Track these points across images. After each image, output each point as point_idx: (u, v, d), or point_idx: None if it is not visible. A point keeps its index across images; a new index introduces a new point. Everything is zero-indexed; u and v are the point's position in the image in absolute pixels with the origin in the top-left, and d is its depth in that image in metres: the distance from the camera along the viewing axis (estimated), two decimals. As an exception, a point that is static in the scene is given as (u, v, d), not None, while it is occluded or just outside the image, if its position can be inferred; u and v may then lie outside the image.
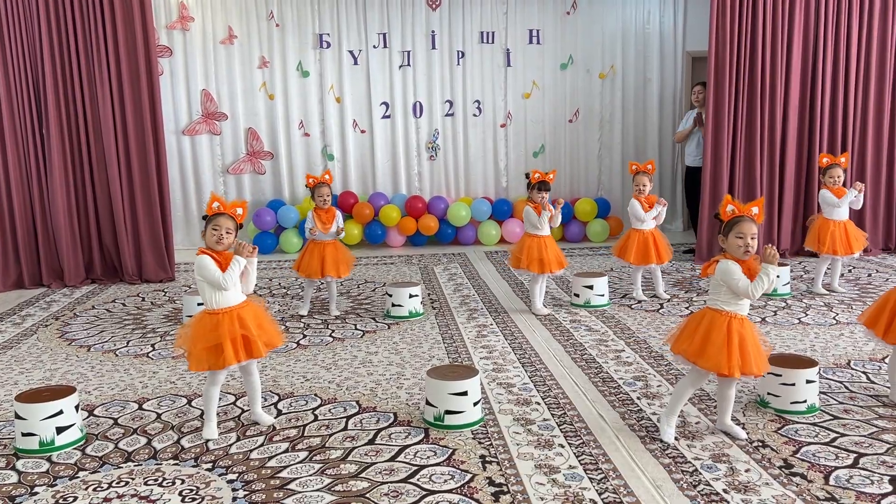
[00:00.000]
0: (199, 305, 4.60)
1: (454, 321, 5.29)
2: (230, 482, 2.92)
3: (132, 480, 2.96)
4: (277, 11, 8.40)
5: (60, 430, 3.25)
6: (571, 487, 2.81)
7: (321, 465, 3.04)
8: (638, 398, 3.73)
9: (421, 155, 8.92)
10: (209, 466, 3.07)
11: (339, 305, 5.75)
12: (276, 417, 3.55)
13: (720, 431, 3.27)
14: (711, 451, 3.09)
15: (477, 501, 2.72)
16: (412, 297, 5.41)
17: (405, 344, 4.76)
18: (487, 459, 3.05)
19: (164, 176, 6.88)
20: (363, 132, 8.76)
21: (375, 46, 8.62)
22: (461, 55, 8.77)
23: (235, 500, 2.78)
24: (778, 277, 5.71)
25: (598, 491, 2.77)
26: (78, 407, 3.37)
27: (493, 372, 4.16)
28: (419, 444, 3.22)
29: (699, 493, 2.75)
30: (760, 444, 3.15)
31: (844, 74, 7.26)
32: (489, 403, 3.67)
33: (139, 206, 6.81)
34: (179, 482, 2.93)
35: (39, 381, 4.20)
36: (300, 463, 3.07)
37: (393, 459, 3.07)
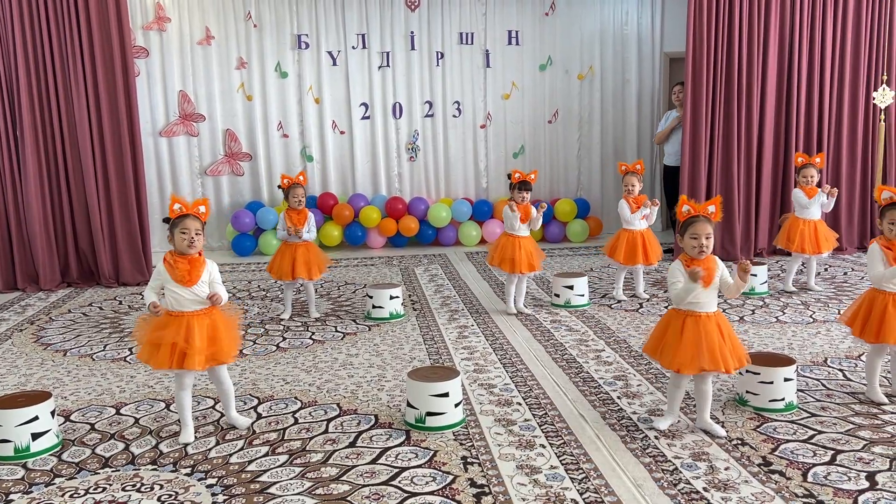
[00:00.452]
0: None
1: (435, 322, 5.28)
2: (209, 487, 2.89)
3: (109, 486, 2.92)
4: (255, 12, 8.35)
5: (36, 435, 3.20)
6: (553, 488, 2.81)
7: (302, 468, 3.02)
8: (618, 397, 3.74)
9: (401, 156, 8.91)
10: (188, 471, 3.04)
11: (318, 307, 5.72)
12: (255, 421, 3.53)
13: (700, 430, 3.29)
14: (691, 449, 3.11)
15: (458, 503, 2.71)
16: (393, 298, 5.39)
17: (386, 346, 4.75)
18: (469, 461, 3.05)
19: (140, 178, 6.81)
20: (342, 133, 8.73)
21: (354, 47, 8.59)
22: (440, 56, 8.77)
23: (215, 505, 2.76)
24: (755, 276, 5.84)
25: (579, 491, 2.78)
26: (54, 412, 3.33)
27: (474, 373, 4.16)
28: (400, 446, 3.21)
29: (679, 491, 2.76)
30: (740, 442, 3.17)
31: (819, 74, 7.35)
32: (470, 405, 3.67)
33: (115, 208, 6.73)
34: (158, 487, 2.90)
35: (14, 386, 4.14)
36: (280, 466, 3.05)
37: (374, 462, 3.06)
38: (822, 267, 6.81)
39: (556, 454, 3.10)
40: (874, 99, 6.97)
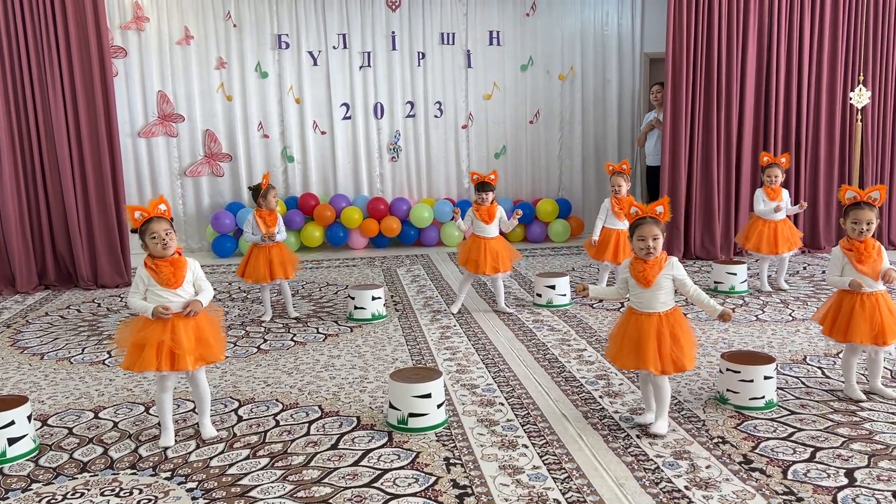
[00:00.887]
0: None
1: (417, 323, 5.27)
2: (190, 491, 2.86)
3: (88, 491, 2.89)
4: (235, 12, 8.29)
5: (12, 441, 3.15)
6: (535, 488, 2.81)
7: (283, 471, 3.00)
8: (600, 396, 3.75)
9: (383, 156, 8.88)
10: (168, 475, 3.00)
11: (299, 309, 5.69)
12: (235, 424, 3.50)
13: (682, 428, 3.31)
14: (673, 448, 3.13)
15: (441, 504, 2.71)
16: (375, 299, 5.38)
17: (368, 347, 4.73)
18: (451, 461, 3.04)
19: (119, 179, 6.74)
20: (323, 133, 8.69)
21: (335, 47, 8.56)
22: (422, 56, 8.76)
23: (195, 509, 2.73)
24: (735, 276, 5.88)
25: (561, 491, 2.78)
26: (31, 417, 3.28)
27: (456, 373, 4.16)
28: (383, 447, 3.19)
29: (661, 490, 2.77)
30: (721, 440, 3.19)
31: (798, 75, 7.42)
32: (453, 405, 3.66)
33: (94, 210, 6.66)
34: (137, 492, 2.87)
35: (-10, 391, 4.08)
36: (262, 469, 3.02)
37: (356, 464, 3.04)
38: (800, 265, 6.88)
39: (538, 454, 3.10)
40: (851, 99, 7.05)
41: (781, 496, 2.70)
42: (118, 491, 2.88)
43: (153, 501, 2.79)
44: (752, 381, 3.49)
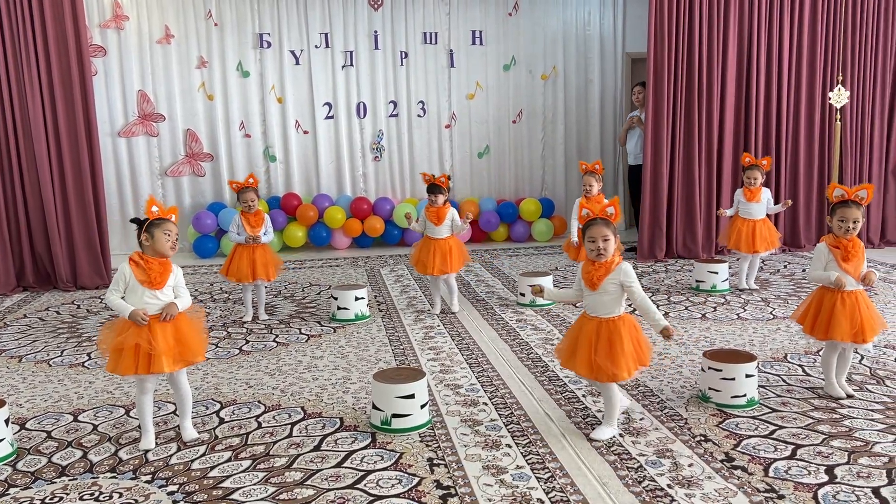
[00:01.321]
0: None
1: (401, 323, 5.26)
2: (171, 494, 2.84)
3: (67, 495, 2.85)
4: (216, 10, 8.23)
5: (-11, 445, 3.11)
6: (519, 488, 2.81)
7: (265, 473, 2.98)
8: (583, 396, 3.76)
9: (366, 156, 8.86)
10: (148, 478, 2.97)
11: (282, 310, 5.66)
12: (217, 426, 3.47)
13: (664, 427, 3.32)
14: (655, 446, 3.14)
15: (425, 505, 2.70)
16: (358, 299, 5.36)
17: (351, 347, 4.71)
18: (435, 462, 3.03)
19: (98, 179, 6.67)
20: (306, 133, 8.66)
21: (317, 46, 8.53)
22: (404, 56, 8.75)
23: (176, 512, 2.71)
24: (716, 274, 5.92)
25: (545, 490, 2.78)
26: (8, 421, 3.23)
27: (440, 374, 4.15)
28: (366, 448, 3.18)
29: (644, 489, 2.78)
30: (703, 438, 3.20)
31: (777, 75, 7.48)
32: (437, 406, 3.65)
33: (73, 210, 6.59)
34: (117, 496, 2.83)
35: (-33, 394, 4.02)
36: (244, 472, 3.00)
37: (339, 465, 3.03)
38: (781, 264, 6.93)
39: (522, 454, 3.10)
40: (830, 99, 7.11)
41: (763, 493, 2.72)
42: (98, 495, 2.85)
43: (133, 505, 2.76)
44: (733, 379, 3.51)
